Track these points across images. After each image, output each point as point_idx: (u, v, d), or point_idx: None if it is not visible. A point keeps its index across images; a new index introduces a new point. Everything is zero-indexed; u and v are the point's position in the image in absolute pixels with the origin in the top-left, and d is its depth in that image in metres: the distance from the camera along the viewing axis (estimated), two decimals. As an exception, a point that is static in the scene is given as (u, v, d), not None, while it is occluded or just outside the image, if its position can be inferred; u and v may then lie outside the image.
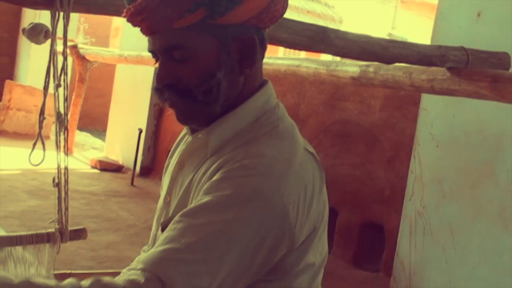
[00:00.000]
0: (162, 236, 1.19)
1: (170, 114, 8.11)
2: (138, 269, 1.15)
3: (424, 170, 4.74)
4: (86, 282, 1.11)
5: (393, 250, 4.96)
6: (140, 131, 7.98)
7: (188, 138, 1.42)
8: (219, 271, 1.14)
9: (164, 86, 1.28)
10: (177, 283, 1.11)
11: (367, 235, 5.48)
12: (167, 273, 1.11)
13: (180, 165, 1.39)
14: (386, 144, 5.37)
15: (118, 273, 1.61)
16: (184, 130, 1.49)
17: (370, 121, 5.55)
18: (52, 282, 1.10)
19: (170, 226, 1.19)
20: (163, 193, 1.45)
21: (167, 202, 1.41)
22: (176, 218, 1.20)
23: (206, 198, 1.19)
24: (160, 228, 1.36)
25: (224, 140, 1.29)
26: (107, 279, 1.13)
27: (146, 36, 1.30)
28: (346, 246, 5.56)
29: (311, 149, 1.34)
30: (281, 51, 15.25)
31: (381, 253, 5.26)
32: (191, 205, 1.21)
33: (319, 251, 1.32)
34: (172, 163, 1.48)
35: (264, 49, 1.33)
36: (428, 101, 4.74)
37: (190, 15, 1.21)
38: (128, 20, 1.27)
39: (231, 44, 1.27)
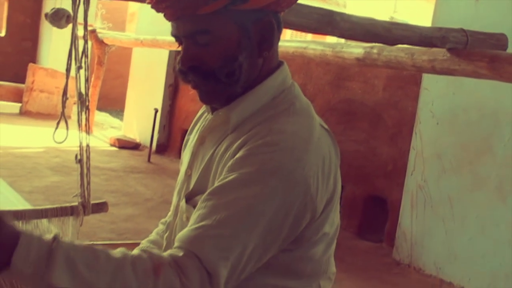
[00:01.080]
0: (194, 215, 1.21)
1: (184, 94, 8.12)
2: (175, 247, 1.17)
3: (425, 146, 4.73)
4: (136, 251, 1.16)
5: (395, 221, 4.97)
6: (156, 111, 7.98)
7: (208, 115, 1.42)
8: (249, 243, 1.16)
9: (188, 68, 1.28)
10: (210, 257, 1.13)
11: (371, 207, 5.49)
12: (201, 249, 1.14)
13: (201, 141, 1.40)
14: (389, 122, 5.36)
15: (137, 244, 1.63)
16: (202, 108, 1.50)
17: (374, 100, 5.53)
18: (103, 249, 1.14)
19: (200, 204, 1.21)
20: (183, 167, 1.46)
21: (188, 175, 1.41)
22: (205, 196, 1.21)
23: (232, 176, 1.20)
24: (184, 200, 1.37)
25: (244, 117, 1.30)
26: (154, 250, 1.17)
27: (170, 21, 1.29)
28: (351, 218, 5.57)
29: (326, 126, 1.36)
30: (288, 33, 15.16)
31: (384, 224, 5.27)
32: (219, 183, 1.22)
33: (333, 221, 1.34)
34: (191, 139, 1.49)
35: (280, 32, 1.33)
36: (429, 80, 4.72)
37: (214, 2, 1.21)
38: (152, 7, 1.27)
39: (251, 28, 1.27)
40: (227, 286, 1.17)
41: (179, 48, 1.31)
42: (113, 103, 12.66)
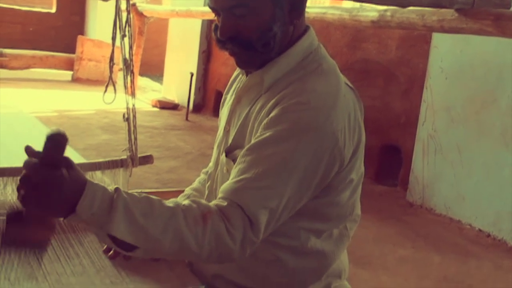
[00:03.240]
0: (234, 169, 1.22)
1: (216, 59, 8.08)
2: (219, 198, 1.19)
3: (435, 99, 4.67)
4: (186, 201, 1.16)
5: (408, 167, 4.95)
6: (192, 75, 7.97)
7: (243, 77, 1.42)
8: (285, 193, 1.17)
9: (227, 39, 1.27)
10: (251, 207, 1.15)
11: (386, 156, 5.46)
12: (243, 199, 1.15)
13: (238, 100, 1.39)
14: (402, 78, 5.29)
15: (180, 192, 1.65)
16: (237, 71, 1.49)
17: (388, 58, 5.45)
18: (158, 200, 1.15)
19: (240, 159, 1.22)
20: (222, 123, 1.46)
21: (226, 131, 1.41)
22: (244, 151, 1.22)
23: (268, 133, 1.20)
24: (224, 153, 1.37)
25: (276, 78, 1.29)
26: (202, 201, 1.18)
27: None
28: (368, 165, 5.48)
29: (350, 84, 1.35)
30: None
31: (398, 170, 5.25)
32: (256, 139, 1.22)
33: (358, 169, 1.35)
34: (228, 98, 1.49)
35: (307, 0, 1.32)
36: (438, 39, 4.63)
37: None
38: None
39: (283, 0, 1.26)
40: (267, 231, 1.19)
41: (212, 18, 1.31)
42: (153, 69, 12.64)
